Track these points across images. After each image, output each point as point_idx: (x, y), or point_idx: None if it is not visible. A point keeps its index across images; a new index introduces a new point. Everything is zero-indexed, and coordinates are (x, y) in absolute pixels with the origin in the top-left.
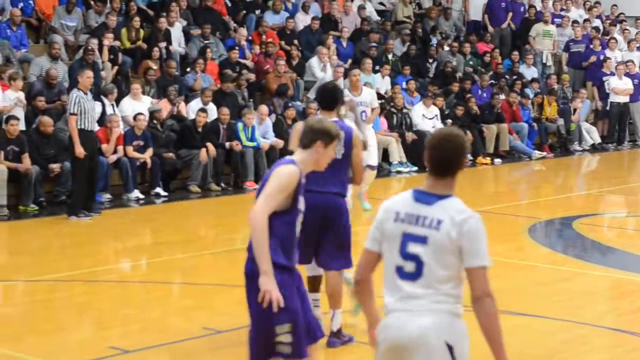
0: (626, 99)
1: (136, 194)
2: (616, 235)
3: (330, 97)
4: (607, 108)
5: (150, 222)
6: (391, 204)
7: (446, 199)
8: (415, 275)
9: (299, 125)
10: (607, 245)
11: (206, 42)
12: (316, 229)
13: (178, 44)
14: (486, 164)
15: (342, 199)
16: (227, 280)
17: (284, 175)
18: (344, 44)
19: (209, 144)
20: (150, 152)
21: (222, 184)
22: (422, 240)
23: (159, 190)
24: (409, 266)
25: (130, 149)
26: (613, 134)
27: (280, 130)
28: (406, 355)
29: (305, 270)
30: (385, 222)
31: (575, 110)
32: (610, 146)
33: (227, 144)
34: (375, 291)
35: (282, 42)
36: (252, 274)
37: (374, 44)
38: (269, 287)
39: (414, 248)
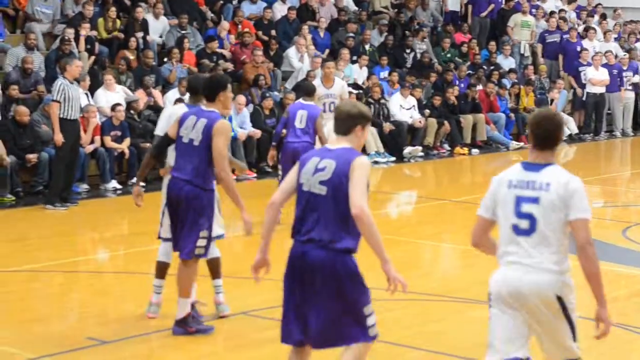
0: (602, 89)
1: (113, 184)
2: (593, 226)
3: (212, 88)
4: (584, 98)
5: (128, 212)
6: (503, 175)
7: (550, 166)
8: (529, 231)
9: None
10: None
11: (183, 32)
12: (175, 215)
13: (159, 34)
14: (464, 154)
15: (195, 188)
16: (203, 270)
17: (367, 168)
18: (321, 34)
19: None
20: (127, 142)
21: None
22: (535, 200)
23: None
24: (524, 223)
25: (107, 139)
26: (589, 124)
27: (258, 120)
28: (522, 302)
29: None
30: (499, 190)
31: (552, 100)
32: (587, 136)
33: None
34: (493, 245)
35: (260, 32)
36: (351, 264)
37: (351, 34)
38: (396, 273)
39: (527, 208)
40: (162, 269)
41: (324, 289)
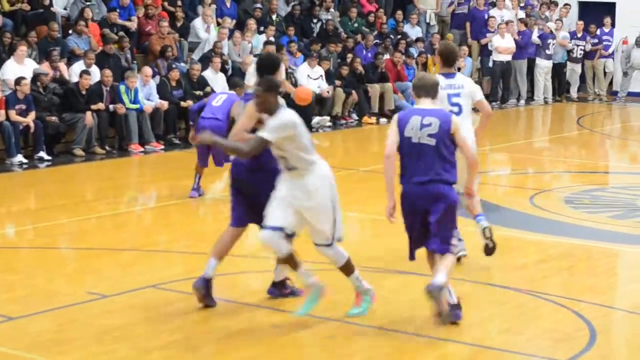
0: (509, 57)
1: (19, 158)
2: (501, 193)
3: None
4: (490, 65)
5: (35, 186)
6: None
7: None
8: None
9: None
10: (491, 202)
11: (87, 3)
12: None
13: (63, 6)
14: (371, 123)
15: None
16: (112, 244)
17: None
18: (228, 4)
19: (101, 104)
20: (32, 115)
21: (107, 147)
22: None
23: (42, 154)
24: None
25: (12, 113)
26: (496, 92)
27: (165, 91)
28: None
29: None
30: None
31: (459, 69)
32: (494, 104)
33: (111, 107)
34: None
35: (165, 3)
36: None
37: (258, 5)
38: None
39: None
40: None
41: (438, 209)
